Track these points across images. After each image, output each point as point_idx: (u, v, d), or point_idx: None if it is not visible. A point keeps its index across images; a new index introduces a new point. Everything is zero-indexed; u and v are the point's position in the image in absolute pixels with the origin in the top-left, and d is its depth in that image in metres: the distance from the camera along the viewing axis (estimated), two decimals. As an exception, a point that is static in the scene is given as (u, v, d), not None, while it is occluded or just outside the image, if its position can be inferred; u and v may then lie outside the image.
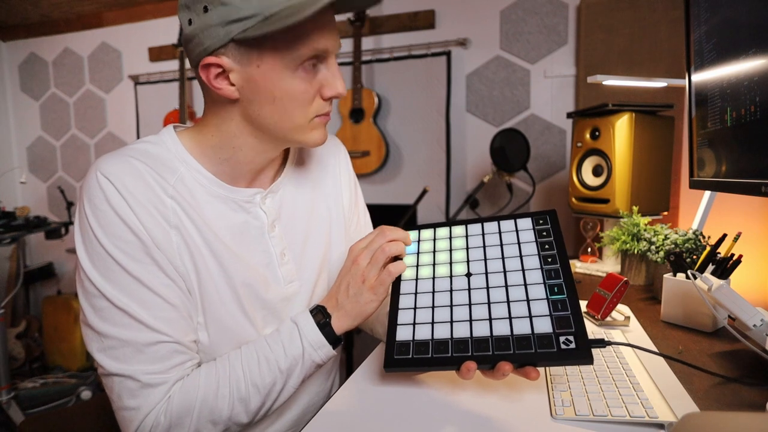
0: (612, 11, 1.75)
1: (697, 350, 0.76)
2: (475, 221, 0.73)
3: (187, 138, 0.69)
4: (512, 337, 0.56)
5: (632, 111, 1.26)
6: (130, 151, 0.64)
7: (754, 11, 0.66)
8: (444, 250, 0.71)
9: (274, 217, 0.73)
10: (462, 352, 0.57)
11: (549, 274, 0.61)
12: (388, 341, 0.62)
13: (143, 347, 0.59)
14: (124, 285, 0.59)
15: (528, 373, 0.54)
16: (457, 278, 0.66)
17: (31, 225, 2.30)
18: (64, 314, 2.66)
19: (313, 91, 0.63)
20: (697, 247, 1.00)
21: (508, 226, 0.71)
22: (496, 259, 0.66)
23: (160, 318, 0.60)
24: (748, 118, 0.68)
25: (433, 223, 0.76)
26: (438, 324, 0.61)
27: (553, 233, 0.66)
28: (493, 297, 0.62)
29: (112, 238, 0.59)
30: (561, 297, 0.58)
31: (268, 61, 0.60)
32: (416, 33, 2.10)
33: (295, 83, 0.61)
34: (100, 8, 2.59)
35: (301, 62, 0.60)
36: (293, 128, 0.65)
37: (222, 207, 0.68)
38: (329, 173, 0.84)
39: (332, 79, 0.64)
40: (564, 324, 0.55)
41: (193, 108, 2.45)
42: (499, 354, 0.55)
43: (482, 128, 2.04)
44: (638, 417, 0.55)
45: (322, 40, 0.60)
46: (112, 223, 0.59)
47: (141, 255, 0.60)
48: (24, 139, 2.97)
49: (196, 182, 0.66)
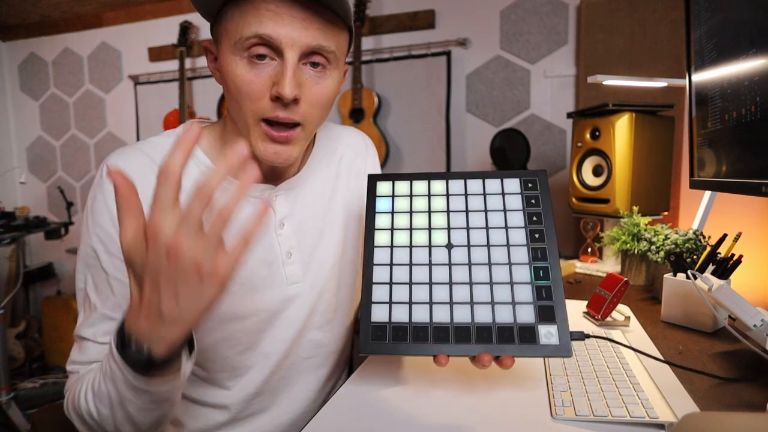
0: (612, 11, 1.75)
1: (698, 350, 0.76)
2: (458, 176, 0.65)
3: (205, 132, 0.69)
4: (494, 326, 0.54)
5: (632, 111, 1.26)
6: (143, 145, 0.66)
7: (755, 11, 0.66)
8: (422, 212, 0.63)
9: (283, 215, 0.71)
10: (442, 341, 0.54)
11: (535, 253, 0.58)
12: (363, 322, 0.56)
13: (78, 338, 0.64)
14: (93, 274, 0.64)
15: (503, 361, 0.53)
16: (437, 249, 0.60)
17: (30, 225, 2.30)
18: (64, 314, 2.66)
19: (261, 85, 0.58)
20: (697, 247, 1.00)
21: (493, 186, 0.64)
22: (480, 228, 0.61)
23: (108, 318, 0.63)
24: (748, 118, 0.68)
25: (408, 174, 0.67)
26: (416, 305, 0.56)
27: (541, 201, 0.61)
28: (476, 276, 0.57)
29: (95, 226, 0.63)
30: (546, 283, 0.56)
31: (223, 45, 0.59)
32: (416, 33, 2.09)
33: (240, 71, 0.58)
34: (99, 8, 2.59)
35: (246, 48, 0.57)
36: (244, 125, 0.61)
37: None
38: (354, 176, 0.81)
39: (281, 76, 0.57)
40: (547, 316, 0.54)
41: (193, 108, 2.45)
42: (480, 346, 0.53)
43: (482, 128, 2.04)
44: (638, 417, 0.55)
45: (267, 24, 0.55)
46: (100, 213, 0.63)
47: (116, 250, 0.62)
48: (24, 139, 2.96)
49: (204, 176, 0.66)
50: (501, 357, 0.53)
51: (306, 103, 0.60)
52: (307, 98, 0.60)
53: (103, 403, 0.53)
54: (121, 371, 0.47)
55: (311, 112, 0.61)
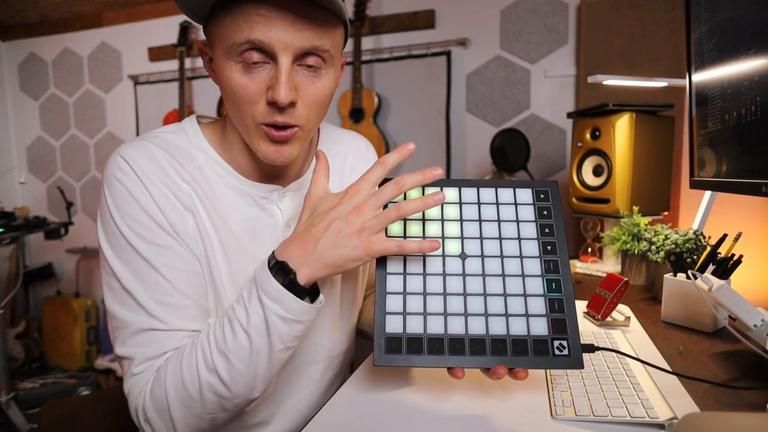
0: (612, 11, 1.75)
1: (698, 350, 0.76)
2: (470, 184, 0.64)
3: (209, 130, 0.69)
4: (508, 338, 0.55)
5: (633, 111, 1.26)
6: (151, 137, 0.65)
7: (755, 11, 0.66)
8: (435, 220, 0.62)
9: (290, 216, 0.71)
10: (458, 353, 0.54)
11: (548, 266, 0.59)
12: (377, 333, 0.56)
13: (139, 331, 0.60)
14: (134, 266, 0.60)
15: (516, 373, 0.55)
16: (451, 259, 0.59)
17: (30, 225, 2.29)
18: (64, 314, 2.66)
19: (255, 89, 0.58)
20: (697, 247, 1.00)
21: (506, 196, 0.64)
22: (493, 239, 0.61)
23: (163, 303, 0.60)
24: (748, 118, 0.68)
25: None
26: (431, 316, 0.56)
27: (553, 214, 0.62)
28: (489, 288, 0.58)
29: (126, 218, 0.60)
30: (558, 295, 0.57)
31: (217, 48, 0.59)
32: (416, 33, 2.09)
33: (234, 76, 0.57)
34: (99, 8, 2.59)
35: (239, 53, 0.56)
36: (244, 128, 0.62)
37: (237, 199, 0.68)
38: (356, 178, 0.81)
39: (274, 81, 0.57)
40: (559, 328, 0.55)
41: (193, 108, 2.45)
42: (495, 359, 0.54)
43: (482, 128, 2.04)
44: (639, 417, 0.55)
45: (258, 29, 0.54)
46: (127, 204, 0.60)
47: (153, 237, 0.61)
48: (23, 139, 2.96)
49: (214, 173, 0.67)
50: (515, 369, 0.54)
51: (303, 104, 0.59)
52: (303, 99, 0.59)
53: (239, 358, 0.56)
54: (275, 300, 0.55)
55: (309, 112, 0.61)
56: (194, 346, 0.58)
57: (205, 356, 0.57)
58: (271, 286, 0.55)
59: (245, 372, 0.57)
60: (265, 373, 0.59)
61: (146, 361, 0.60)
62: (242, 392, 0.58)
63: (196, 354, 0.57)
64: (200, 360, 0.57)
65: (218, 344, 0.57)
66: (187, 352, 0.58)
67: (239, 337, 0.56)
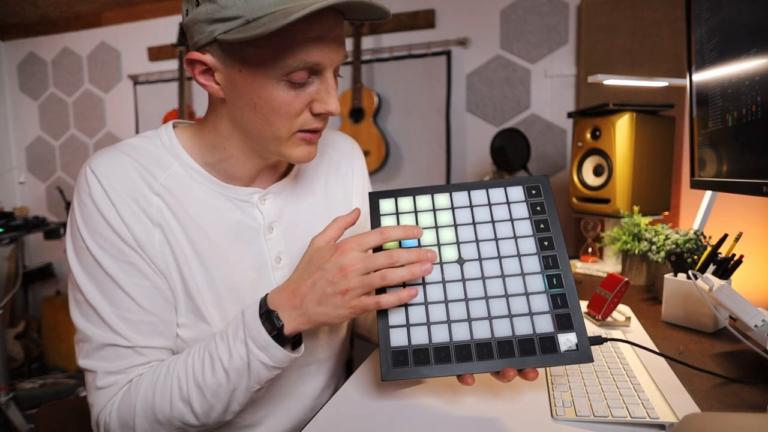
0: (612, 11, 1.75)
1: (698, 351, 0.76)
2: (461, 188, 0.64)
3: (186, 135, 0.68)
4: (515, 339, 0.55)
5: (633, 111, 1.26)
6: (123, 146, 0.64)
7: (755, 11, 0.66)
8: (429, 227, 0.61)
9: (272, 219, 0.70)
10: (465, 359, 0.54)
11: (546, 261, 0.58)
12: (383, 348, 0.56)
13: (102, 346, 0.61)
14: (98, 281, 0.61)
15: (526, 374, 0.54)
16: (449, 265, 0.59)
17: (29, 225, 2.29)
18: (63, 315, 2.65)
19: (301, 104, 0.59)
20: (698, 247, 1.00)
21: (498, 195, 0.63)
22: (489, 240, 0.60)
23: (126, 320, 0.61)
24: (749, 118, 0.68)
25: (410, 189, 0.65)
26: (435, 325, 0.56)
27: (546, 207, 0.61)
28: (490, 290, 0.57)
29: (93, 233, 0.60)
30: (560, 290, 0.56)
31: (251, 68, 0.56)
32: (416, 32, 2.09)
33: (277, 94, 0.57)
34: (99, 8, 2.59)
35: (286, 73, 0.56)
36: (274, 139, 0.61)
37: (216, 204, 0.66)
38: (341, 179, 0.80)
39: (325, 94, 0.59)
40: (564, 323, 0.55)
41: (192, 108, 2.45)
42: (503, 361, 0.54)
43: (482, 128, 2.03)
44: (639, 417, 0.55)
45: (313, 52, 0.56)
46: (93, 219, 0.60)
47: (119, 253, 0.60)
48: (23, 139, 2.96)
49: (191, 179, 0.65)
50: (524, 369, 0.54)
51: None
52: None
53: (214, 394, 0.58)
54: (261, 348, 0.57)
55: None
56: (170, 375, 0.59)
57: (180, 387, 0.58)
58: (260, 335, 0.57)
59: (218, 407, 0.59)
60: (235, 408, 0.61)
61: (109, 375, 0.61)
62: (212, 422, 0.61)
63: (171, 382, 0.59)
64: (175, 389, 0.58)
65: (195, 377, 0.58)
66: (162, 378, 0.59)
67: (218, 374, 0.58)
